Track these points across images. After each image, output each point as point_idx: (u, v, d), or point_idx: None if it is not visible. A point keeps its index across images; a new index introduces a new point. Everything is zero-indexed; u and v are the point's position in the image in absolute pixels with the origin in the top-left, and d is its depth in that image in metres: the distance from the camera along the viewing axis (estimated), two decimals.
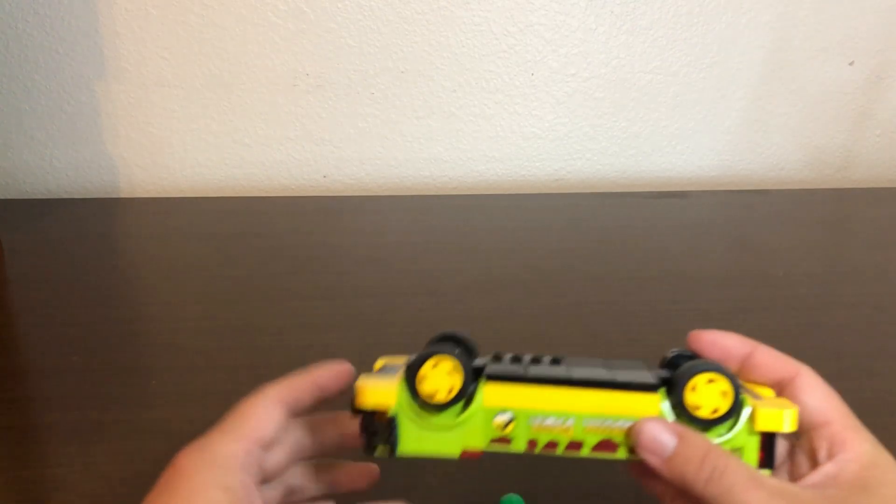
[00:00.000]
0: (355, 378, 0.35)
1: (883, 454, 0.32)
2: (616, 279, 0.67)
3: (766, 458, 0.33)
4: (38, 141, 0.79)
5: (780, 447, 0.34)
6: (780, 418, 0.32)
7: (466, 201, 0.81)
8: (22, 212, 0.74)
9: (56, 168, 0.80)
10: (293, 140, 0.81)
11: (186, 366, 0.55)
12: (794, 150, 0.89)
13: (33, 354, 0.56)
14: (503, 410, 0.33)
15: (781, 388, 0.34)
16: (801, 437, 0.34)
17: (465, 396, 0.33)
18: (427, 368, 0.33)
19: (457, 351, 0.33)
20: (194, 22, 0.74)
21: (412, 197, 0.82)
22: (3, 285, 0.64)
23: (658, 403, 0.32)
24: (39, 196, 0.80)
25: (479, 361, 0.35)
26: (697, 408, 0.32)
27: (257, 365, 0.55)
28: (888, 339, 0.61)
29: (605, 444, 0.33)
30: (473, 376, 0.33)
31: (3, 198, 0.78)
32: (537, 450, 0.33)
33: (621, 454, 0.33)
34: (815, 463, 0.33)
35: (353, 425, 0.36)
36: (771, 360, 0.35)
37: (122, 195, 0.82)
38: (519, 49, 0.79)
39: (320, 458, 0.38)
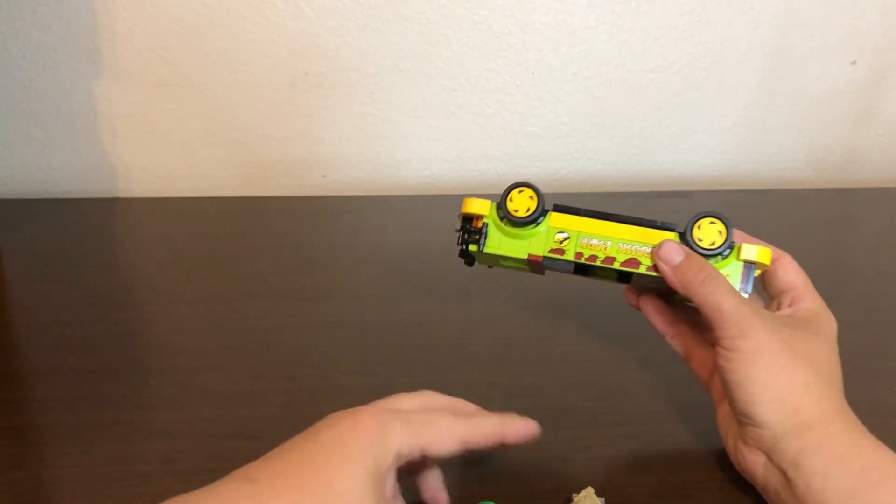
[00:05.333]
0: (538, 436, 0.42)
1: (828, 313, 0.44)
2: None
3: (745, 286, 0.44)
4: (36, 140, 0.78)
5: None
6: (757, 251, 0.44)
7: None
8: (20, 212, 0.74)
9: (54, 168, 0.80)
10: (292, 139, 0.81)
11: (185, 366, 0.55)
12: (796, 150, 0.89)
13: (31, 355, 0.56)
14: (562, 230, 0.46)
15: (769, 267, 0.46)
16: (773, 300, 0.46)
17: (538, 216, 0.46)
18: (514, 193, 0.46)
19: (536, 185, 0.46)
20: (193, 21, 0.73)
21: (412, 197, 0.82)
22: (1, 285, 0.64)
23: (673, 238, 0.45)
24: (37, 196, 0.80)
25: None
26: (700, 240, 0.44)
27: (257, 365, 0.55)
28: (890, 339, 0.61)
29: (631, 262, 0.45)
30: (544, 207, 0.46)
31: (1, 198, 0.77)
32: (582, 260, 0.45)
33: (641, 269, 0.45)
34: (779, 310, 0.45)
35: None
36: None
37: (121, 195, 0.82)
38: (519, 48, 0.78)
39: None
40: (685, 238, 0.45)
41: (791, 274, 0.46)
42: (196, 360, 0.55)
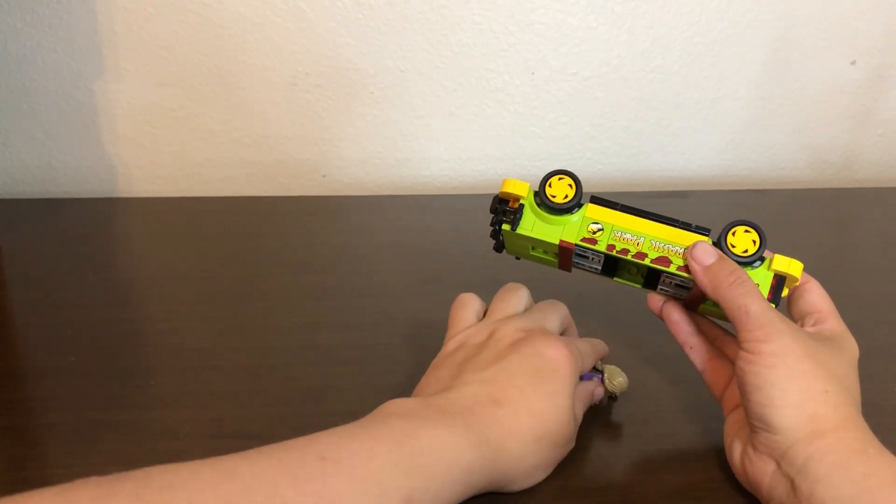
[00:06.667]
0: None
1: (851, 337, 0.45)
2: None
3: (773, 298, 0.45)
4: (36, 141, 0.78)
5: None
6: (790, 263, 0.45)
7: (466, 201, 0.81)
8: (20, 212, 0.74)
9: (54, 168, 0.80)
10: (292, 140, 0.81)
11: (186, 366, 0.55)
12: (796, 150, 0.89)
13: (32, 355, 0.56)
14: (596, 222, 0.46)
15: (796, 289, 0.47)
16: (797, 321, 0.47)
17: (575, 204, 0.46)
18: (554, 179, 0.46)
19: (576, 174, 0.46)
20: (193, 21, 0.74)
21: (412, 197, 0.82)
22: (1, 285, 0.64)
23: (707, 241, 0.45)
24: (38, 196, 0.80)
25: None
26: (734, 246, 0.45)
27: (257, 365, 0.55)
28: (890, 339, 0.61)
29: (662, 260, 0.45)
30: (580, 198, 0.46)
31: (1, 198, 0.77)
32: (614, 252, 0.46)
33: (672, 269, 0.45)
34: None
35: None
36: None
37: (121, 195, 0.82)
38: (519, 48, 0.78)
39: None
40: (718, 243, 0.45)
41: (816, 296, 0.46)
42: (196, 360, 0.55)
